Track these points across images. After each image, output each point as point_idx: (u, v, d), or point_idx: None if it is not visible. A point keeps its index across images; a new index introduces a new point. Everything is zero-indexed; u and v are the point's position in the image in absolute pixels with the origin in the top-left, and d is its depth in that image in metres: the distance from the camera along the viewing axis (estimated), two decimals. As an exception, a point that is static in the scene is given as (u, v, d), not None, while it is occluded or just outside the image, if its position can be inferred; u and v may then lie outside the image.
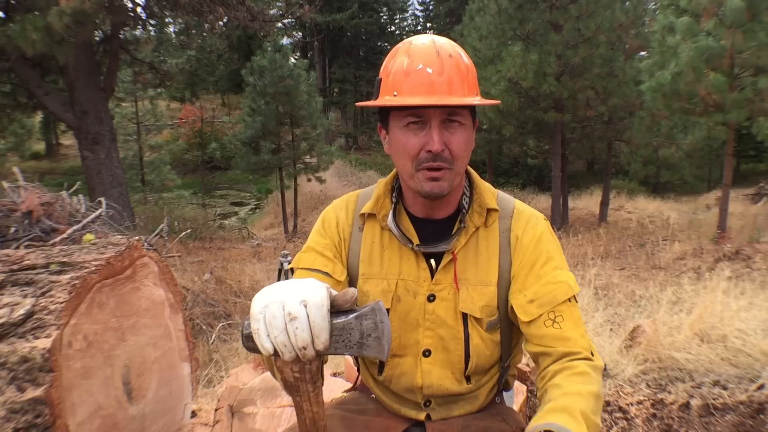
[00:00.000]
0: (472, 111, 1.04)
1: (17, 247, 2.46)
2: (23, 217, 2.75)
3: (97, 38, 9.26)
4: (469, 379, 1.11)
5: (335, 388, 2.05)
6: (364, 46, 34.11)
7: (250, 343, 0.77)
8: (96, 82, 8.93)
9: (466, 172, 1.14)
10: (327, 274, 1.09)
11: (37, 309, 1.25)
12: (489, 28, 13.60)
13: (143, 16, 9.73)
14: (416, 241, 1.08)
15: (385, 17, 36.28)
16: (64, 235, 2.74)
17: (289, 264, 1.19)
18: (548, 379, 0.98)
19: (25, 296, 1.29)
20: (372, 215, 1.13)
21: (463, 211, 1.09)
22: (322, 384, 0.80)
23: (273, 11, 11.64)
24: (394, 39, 35.99)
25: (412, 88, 0.97)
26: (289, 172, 15.84)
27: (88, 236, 1.95)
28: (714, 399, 2.20)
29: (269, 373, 2.17)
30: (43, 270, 1.38)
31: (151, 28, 10.53)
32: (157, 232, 5.37)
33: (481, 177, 1.16)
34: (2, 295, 1.30)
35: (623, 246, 10.28)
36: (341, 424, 1.13)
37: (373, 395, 1.22)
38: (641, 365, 2.78)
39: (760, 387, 2.32)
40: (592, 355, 1.00)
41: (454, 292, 1.06)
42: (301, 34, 33.99)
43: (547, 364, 1.00)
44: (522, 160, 21.03)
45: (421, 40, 1.02)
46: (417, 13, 50.23)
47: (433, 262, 1.08)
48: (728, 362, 2.72)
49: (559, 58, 12.41)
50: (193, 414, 2.12)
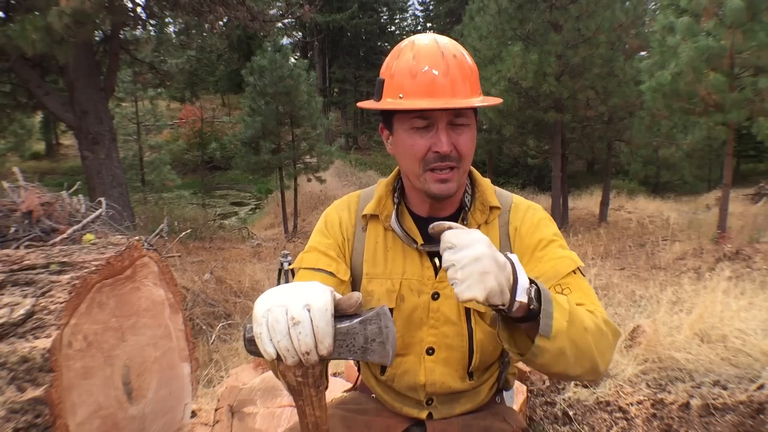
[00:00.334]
0: (475, 110, 1.05)
1: (17, 247, 2.46)
2: (23, 217, 2.75)
3: (97, 38, 9.26)
4: (471, 376, 1.11)
5: (335, 388, 2.05)
6: (364, 46, 34.09)
7: (252, 347, 0.76)
8: (96, 82, 8.92)
9: (468, 171, 1.14)
10: (331, 274, 1.08)
11: (37, 309, 1.25)
12: (489, 28, 13.59)
13: (143, 16, 9.73)
14: (420, 240, 1.09)
15: (385, 17, 36.26)
16: (64, 235, 2.74)
17: (290, 264, 1.19)
18: None
19: (25, 296, 1.29)
20: (374, 216, 1.13)
21: (466, 209, 1.09)
22: (326, 388, 0.80)
23: (273, 11, 11.63)
24: (394, 39, 35.97)
25: (418, 90, 0.97)
26: (289, 172, 15.84)
27: (88, 236, 1.95)
28: (714, 399, 2.20)
29: (269, 373, 2.17)
30: (43, 270, 1.38)
31: (151, 28, 10.53)
32: (157, 232, 5.37)
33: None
34: (2, 295, 1.30)
35: (623, 246, 10.28)
36: (341, 424, 1.13)
37: (374, 395, 1.22)
38: (641, 365, 2.78)
39: (760, 387, 2.31)
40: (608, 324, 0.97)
41: None
42: (301, 34, 33.98)
43: None
44: (522, 160, 21.03)
45: (424, 40, 1.01)
46: (417, 13, 50.35)
47: (437, 260, 1.09)
48: (728, 362, 2.72)
49: (559, 58, 12.40)
50: (193, 414, 2.12)
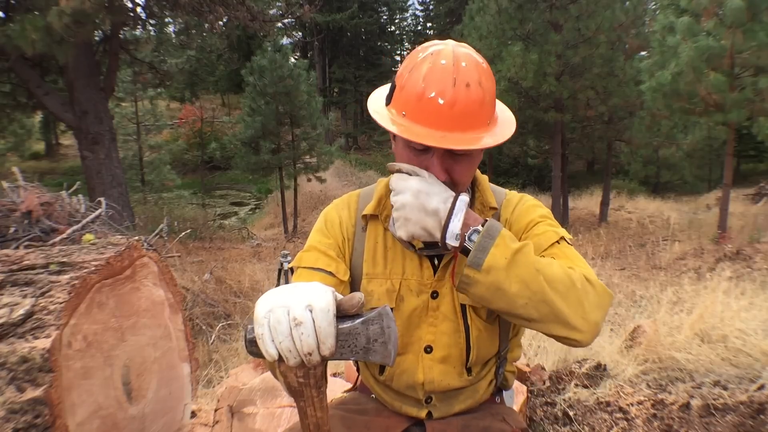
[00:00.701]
0: None
1: (17, 247, 2.46)
2: (23, 217, 2.75)
3: (97, 38, 9.26)
4: (470, 372, 1.12)
5: (335, 388, 2.04)
6: (364, 46, 34.07)
7: (253, 348, 0.75)
8: (96, 82, 8.92)
9: None
10: (330, 274, 1.08)
11: (36, 309, 1.25)
12: (489, 28, 13.60)
13: (143, 15, 9.73)
14: (419, 244, 1.09)
15: (385, 17, 36.25)
16: (64, 235, 2.74)
17: (289, 264, 1.19)
18: None
19: (25, 296, 1.28)
20: (374, 216, 1.13)
21: None
22: (326, 388, 0.80)
23: (273, 11, 11.64)
24: (393, 39, 36.01)
25: (420, 115, 0.94)
26: (289, 172, 15.84)
27: (88, 236, 1.94)
28: (714, 399, 2.19)
29: (269, 374, 2.17)
30: (42, 270, 1.38)
31: (150, 28, 10.52)
32: (156, 232, 5.37)
33: None
34: (2, 295, 1.30)
35: (623, 246, 10.29)
36: (341, 424, 1.13)
37: (373, 395, 1.23)
38: (641, 365, 2.78)
39: (761, 387, 2.31)
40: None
41: (452, 286, 1.08)
42: (301, 34, 33.98)
43: None
44: (522, 160, 21.05)
45: (443, 59, 0.94)
46: (417, 13, 50.28)
47: (435, 260, 1.10)
48: (729, 362, 2.72)
49: (559, 58, 12.41)
50: (193, 414, 2.12)
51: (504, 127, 1.00)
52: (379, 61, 33.81)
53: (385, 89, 1.05)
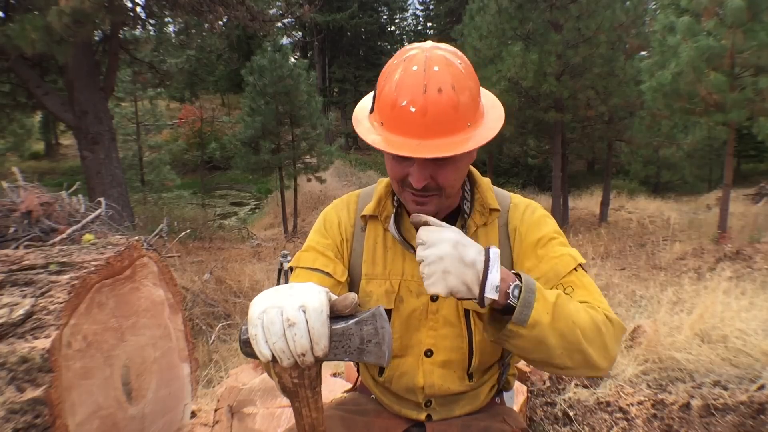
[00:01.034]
0: None
1: (17, 247, 2.45)
2: (22, 217, 2.75)
3: (97, 38, 9.26)
4: (471, 377, 1.11)
5: (335, 389, 2.04)
6: (364, 45, 34.08)
7: (247, 349, 0.75)
8: (95, 81, 8.92)
9: (468, 172, 1.13)
10: (328, 275, 1.08)
11: (36, 309, 1.25)
12: (489, 28, 13.59)
13: (143, 15, 9.73)
14: None
15: (385, 17, 36.25)
16: (64, 235, 2.74)
17: (289, 264, 1.18)
18: None
19: (25, 296, 1.28)
20: (374, 217, 1.13)
21: (465, 216, 1.08)
22: (321, 388, 0.79)
23: (273, 11, 11.64)
24: (393, 39, 35.98)
25: (394, 124, 0.92)
26: (289, 172, 15.84)
27: (88, 236, 1.94)
28: (714, 399, 2.19)
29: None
30: (42, 270, 1.37)
31: (150, 28, 10.52)
32: (156, 232, 5.36)
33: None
34: (2, 295, 1.30)
35: (624, 246, 10.28)
36: (341, 425, 1.12)
37: (373, 396, 1.22)
38: (642, 365, 2.78)
39: (761, 387, 2.31)
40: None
41: None
42: (301, 33, 33.97)
43: None
44: (522, 160, 21.05)
45: (414, 65, 0.91)
46: (417, 12, 50.24)
47: None
48: (729, 362, 2.72)
49: (560, 58, 12.41)
50: (193, 414, 2.12)
51: (488, 127, 0.96)
52: (379, 61, 33.74)
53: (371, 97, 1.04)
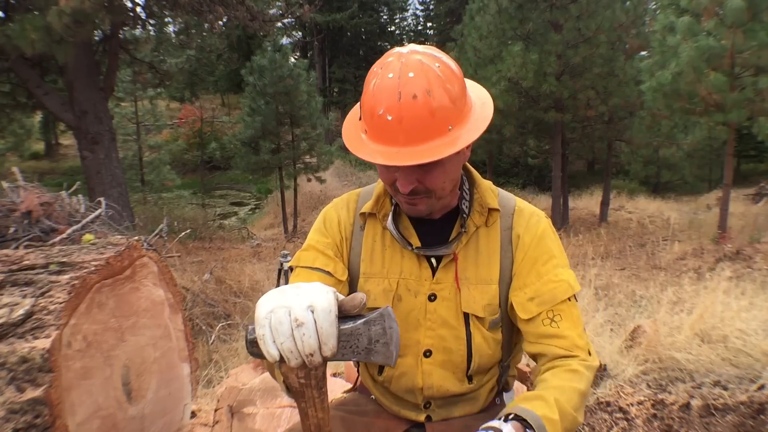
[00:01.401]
0: None
1: (17, 247, 2.45)
2: (22, 217, 2.75)
3: (97, 38, 9.26)
4: (470, 379, 1.10)
5: (335, 389, 2.04)
6: (364, 45, 34.10)
7: (254, 349, 0.75)
8: (95, 81, 8.92)
9: (467, 172, 1.13)
10: (328, 273, 1.08)
11: (36, 309, 1.25)
12: (489, 28, 13.59)
13: (143, 15, 9.73)
14: (416, 243, 1.08)
15: (385, 17, 36.27)
16: (64, 235, 2.74)
17: (289, 263, 1.18)
18: (538, 375, 1.00)
19: (25, 296, 1.28)
20: (372, 214, 1.13)
21: (464, 216, 1.07)
22: (327, 389, 0.79)
23: (273, 11, 11.64)
24: (393, 39, 35.98)
25: (375, 133, 0.92)
26: (289, 172, 15.84)
27: (88, 236, 1.94)
28: (714, 399, 2.19)
29: (269, 374, 2.17)
30: (42, 270, 1.37)
31: (150, 28, 10.52)
32: (156, 232, 5.36)
33: (481, 176, 1.15)
34: (2, 295, 1.30)
35: (623, 246, 10.28)
36: (341, 426, 1.12)
37: (373, 396, 1.22)
38: (642, 365, 2.78)
39: (761, 387, 2.31)
40: (589, 354, 1.01)
41: (456, 292, 1.06)
42: (301, 33, 33.98)
43: (543, 363, 1.02)
44: (522, 160, 21.03)
45: (390, 73, 0.90)
46: (417, 12, 50.30)
47: (434, 260, 1.08)
48: (729, 362, 2.72)
49: (560, 58, 12.41)
50: (193, 414, 2.11)
51: (471, 128, 0.93)
52: (380, 61, 33.73)
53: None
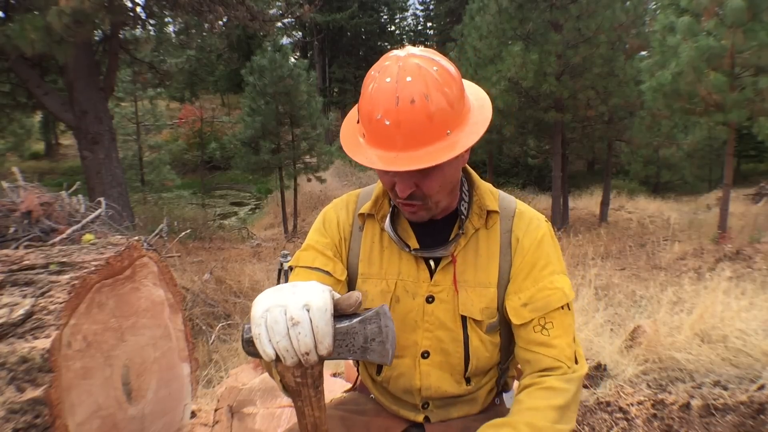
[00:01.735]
0: None
1: (17, 247, 2.46)
2: (22, 217, 2.75)
3: (97, 38, 9.26)
4: (468, 381, 1.10)
5: (335, 389, 2.04)
6: (364, 45, 34.10)
7: (250, 348, 0.75)
8: (95, 81, 8.92)
9: (466, 174, 1.12)
10: (327, 273, 1.08)
11: (36, 309, 1.25)
12: (489, 28, 13.59)
13: (143, 15, 9.73)
14: (414, 245, 1.08)
15: (385, 17, 36.28)
16: (64, 235, 2.74)
17: (289, 263, 1.18)
18: (517, 393, 1.01)
19: (25, 296, 1.28)
20: (371, 215, 1.13)
21: (462, 218, 1.07)
22: (323, 387, 0.79)
23: (273, 11, 11.64)
24: (394, 39, 36.00)
25: (373, 137, 0.91)
26: (289, 172, 15.85)
27: (88, 236, 1.94)
28: (714, 399, 2.19)
29: (268, 374, 2.17)
30: (42, 270, 1.37)
31: (150, 28, 10.52)
32: (156, 232, 5.37)
33: (481, 177, 1.14)
34: (2, 295, 1.30)
35: (624, 246, 10.28)
36: (341, 425, 1.13)
37: (372, 396, 1.22)
38: (642, 365, 2.78)
39: (761, 387, 2.31)
40: (576, 362, 1.01)
41: (453, 294, 1.06)
42: (301, 33, 33.99)
43: (526, 374, 1.03)
44: (522, 160, 21.04)
45: (387, 77, 0.88)
46: (417, 12, 50.29)
47: (432, 262, 1.08)
48: (729, 362, 2.72)
49: (560, 58, 12.41)
50: (193, 414, 2.11)
51: (470, 132, 0.92)
52: (380, 61, 33.75)
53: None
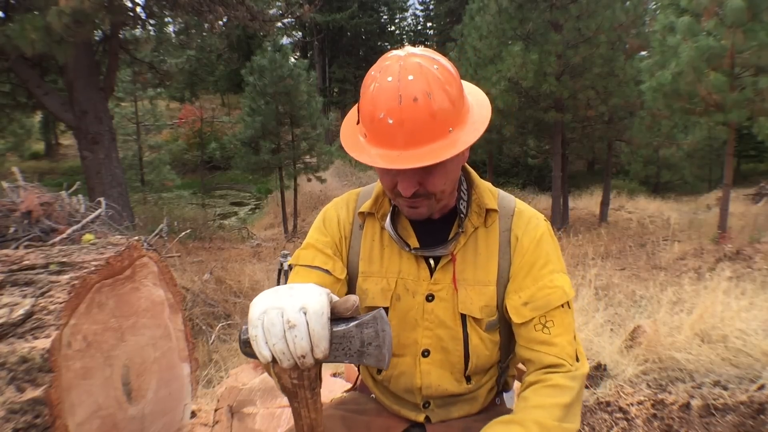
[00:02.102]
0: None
1: (17, 247, 2.46)
2: (23, 217, 2.75)
3: (97, 38, 9.26)
4: (469, 380, 1.10)
5: (335, 389, 2.04)
6: (364, 45, 34.11)
7: (247, 349, 0.75)
8: (95, 81, 8.92)
9: (465, 173, 1.13)
10: (327, 272, 1.08)
11: (36, 309, 1.25)
12: (489, 28, 13.59)
13: (143, 15, 9.73)
14: (414, 244, 1.08)
15: (385, 17, 36.29)
16: (64, 235, 2.74)
17: (289, 261, 1.18)
18: (521, 390, 1.01)
19: (25, 296, 1.28)
20: (371, 214, 1.13)
21: (461, 216, 1.07)
22: (320, 389, 0.79)
23: (273, 11, 11.64)
24: (393, 39, 36.02)
25: (375, 137, 0.92)
26: (289, 172, 15.85)
27: (88, 236, 1.94)
28: (714, 399, 2.19)
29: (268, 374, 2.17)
30: (42, 270, 1.37)
31: (150, 28, 10.52)
32: (156, 232, 5.37)
33: (482, 177, 1.15)
34: (2, 295, 1.30)
35: (624, 246, 10.28)
36: (342, 424, 1.13)
37: (373, 395, 1.22)
38: (642, 365, 2.78)
39: (761, 387, 2.31)
40: (578, 360, 1.01)
41: (453, 293, 1.06)
42: (301, 33, 34.00)
43: (529, 372, 1.03)
44: (522, 160, 21.05)
45: (389, 76, 0.89)
46: (417, 12, 50.32)
47: (432, 261, 1.08)
48: (729, 362, 2.72)
49: (560, 58, 12.41)
50: (193, 414, 2.12)
51: (471, 130, 0.93)
52: (380, 61, 33.77)
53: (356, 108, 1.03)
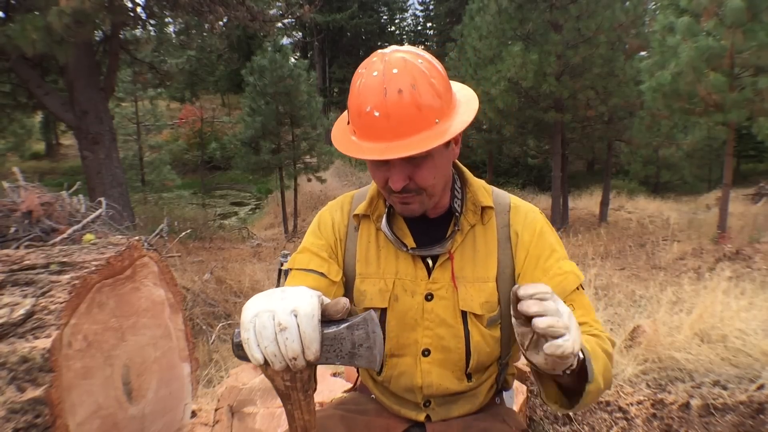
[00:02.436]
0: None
1: (17, 247, 2.46)
2: (23, 217, 2.75)
3: (97, 38, 9.27)
4: (470, 377, 1.11)
5: (335, 389, 2.05)
6: (364, 45, 34.13)
7: (240, 352, 0.76)
8: (96, 82, 8.93)
9: (459, 171, 1.14)
10: (322, 275, 1.09)
11: (37, 309, 1.25)
12: (489, 28, 13.60)
13: (143, 16, 9.73)
14: (411, 244, 1.08)
15: (385, 17, 36.31)
16: (64, 235, 2.74)
17: (285, 266, 1.19)
18: None
19: (25, 296, 1.28)
20: (366, 216, 1.13)
21: (456, 215, 1.08)
22: (314, 391, 0.80)
23: (273, 11, 11.63)
24: (393, 39, 36.02)
25: (362, 131, 0.94)
26: (289, 172, 15.86)
27: (88, 236, 1.94)
28: (714, 399, 2.20)
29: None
30: (43, 270, 1.38)
31: (151, 28, 10.53)
32: (157, 232, 5.37)
33: (481, 177, 1.16)
34: (2, 295, 1.30)
35: (623, 246, 10.28)
36: (341, 424, 1.13)
37: (373, 396, 1.23)
38: (641, 365, 2.79)
39: (760, 387, 2.32)
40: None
41: (453, 291, 1.07)
42: (301, 34, 34.02)
43: None
44: (522, 160, 21.06)
45: (374, 71, 0.92)
46: (417, 13, 50.32)
47: (429, 260, 1.09)
48: (728, 362, 2.72)
49: (559, 58, 12.41)
50: (193, 414, 2.12)
51: (458, 121, 0.95)
52: (379, 61, 33.78)
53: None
